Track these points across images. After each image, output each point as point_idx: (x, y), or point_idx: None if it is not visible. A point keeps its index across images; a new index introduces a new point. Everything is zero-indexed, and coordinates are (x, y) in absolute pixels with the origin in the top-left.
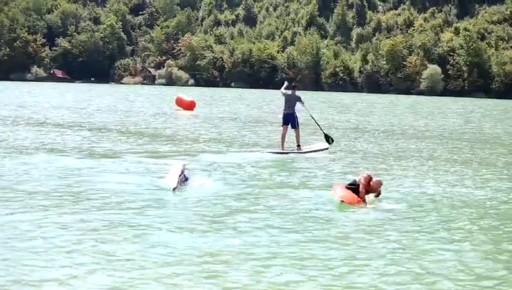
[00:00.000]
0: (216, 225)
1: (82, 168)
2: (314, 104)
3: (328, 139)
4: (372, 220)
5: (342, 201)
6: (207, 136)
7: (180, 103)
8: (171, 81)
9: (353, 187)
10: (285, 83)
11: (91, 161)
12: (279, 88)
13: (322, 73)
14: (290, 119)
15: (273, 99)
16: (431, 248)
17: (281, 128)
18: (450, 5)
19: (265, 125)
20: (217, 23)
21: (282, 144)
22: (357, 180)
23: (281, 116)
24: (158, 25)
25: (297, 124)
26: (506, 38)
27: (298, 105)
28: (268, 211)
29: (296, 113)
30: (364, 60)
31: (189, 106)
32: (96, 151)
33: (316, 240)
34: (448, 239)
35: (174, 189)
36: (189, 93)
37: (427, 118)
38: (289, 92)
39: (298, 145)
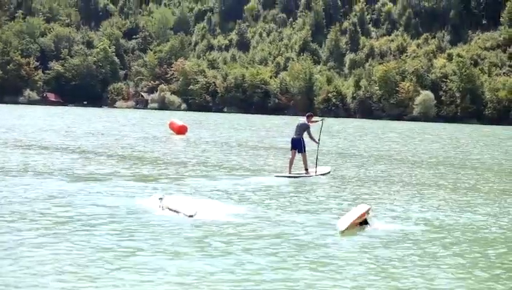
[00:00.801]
0: (203, 249)
1: (67, 190)
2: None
3: (316, 171)
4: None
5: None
6: (195, 160)
7: (172, 127)
8: (163, 106)
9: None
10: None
11: (77, 183)
12: (271, 113)
13: (315, 98)
14: (297, 144)
15: (265, 125)
16: (402, 273)
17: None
18: (443, 31)
19: (256, 150)
20: (210, 48)
21: (290, 168)
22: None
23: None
24: (151, 49)
25: (304, 149)
26: (500, 64)
27: (305, 133)
28: (260, 236)
29: (304, 139)
30: (357, 86)
31: (181, 130)
32: (83, 174)
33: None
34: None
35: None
36: (181, 117)
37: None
38: (303, 119)
39: (306, 169)
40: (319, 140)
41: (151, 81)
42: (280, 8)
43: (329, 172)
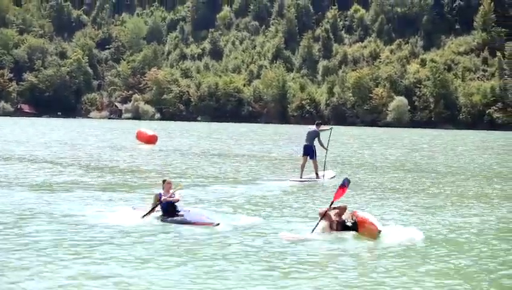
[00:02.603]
0: (177, 259)
1: (33, 201)
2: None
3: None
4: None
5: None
6: (177, 169)
7: (141, 137)
8: (137, 115)
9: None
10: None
11: (42, 194)
12: (245, 121)
13: (289, 106)
14: (308, 151)
15: (239, 132)
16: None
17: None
18: (416, 36)
19: (227, 158)
20: (183, 57)
21: (301, 173)
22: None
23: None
24: (124, 59)
25: (315, 155)
26: (473, 69)
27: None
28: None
29: (315, 146)
30: (331, 93)
31: (151, 139)
32: (49, 184)
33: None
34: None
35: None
36: (150, 127)
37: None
38: (313, 127)
39: (317, 174)
40: (327, 147)
41: (125, 91)
42: (252, 16)
43: (334, 176)
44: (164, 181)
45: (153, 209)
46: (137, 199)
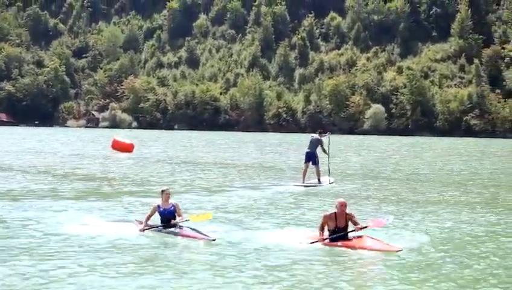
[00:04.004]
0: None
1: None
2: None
3: (330, 179)
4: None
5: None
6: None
7: (117, 145)
8: (114, 124)
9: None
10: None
11: (10, 202)
12: (222, 130)
13: (265, 114)
14: (311, 157)
15: (215, 140)
16: None
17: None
18: (393, 44)
19: (200, 166)
20: (160, 65)
21: (303, 178)
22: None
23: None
24: (101, 68)
25: (318, 161)
26: (450, 76)
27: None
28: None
29: (317, 153)
30: (307, 101)
31: (128, 147)
32: (16, 193)
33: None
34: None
35: None
36: (129, 135)
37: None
38: (315, 135)
39: (319, 180)
40: (328, 153)
41: (102, 100)
42: (229, 24)
43: (333, 182)
44: (163, 191)
45: (149, 222)
46: (109, 207)
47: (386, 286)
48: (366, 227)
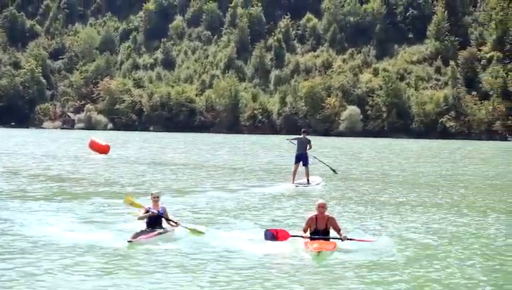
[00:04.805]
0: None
1: None
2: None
3: (334, 171)
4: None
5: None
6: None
7: (94, 146)
8: (90, 125)
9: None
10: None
11: None
12: (197, 131)
13: (241, 115)
14: (301, 158)
15: (190, 141)
16: None
17: (293, 165)
18: (368, 45)
19: (171, 167)
20: (136, 66)
21: (293, 178)
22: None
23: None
24: (77, 69)
25: (307, 162)
26: (426, 78)
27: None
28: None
29: (308, 153)
30: (283, 102)
31: (104, 149)
32: None
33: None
34: None
35: None
36: (105, 137)
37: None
38: (301, 136)
39: (308, 180)
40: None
41: (78, 101)
42: (205, 25)
43: (320, 182)
44: (152, 195)
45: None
46: (78, 208)
47: (344, 287)
48: (351, 239)
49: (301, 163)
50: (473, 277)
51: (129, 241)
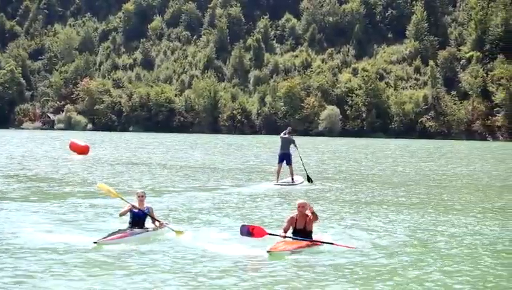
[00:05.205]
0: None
1: None
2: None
3: (309, 179)
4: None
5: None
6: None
7: (74, 147)
8: (69, 126)
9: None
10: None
11: None
12: (177, 131)
13: (220, 116)
14: (285, 158)
15: (168, 141)
16: None
17: (277, 165)
18: (348, 45)
19: (148, 167)
20: (115, 67)
21: (277, 178)
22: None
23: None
24: (57, 70)
25: (291, 161)
26: (405, 77)
27: (292, 146)
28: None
29: (291, 153)
30: (262, 102)
31: (83, 149)
32: None
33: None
34: None
35: None
36: (84, 137)
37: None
38: (286, 135)
39: (292, 179)
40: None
41: (57, 102)
42: (184, 26)
43: (303, 181)
44: (137, 194)
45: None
46: (53, 208)
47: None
48: (331, 243)
49: (285, 162)
50: (453, 276)
51: (95, 243)
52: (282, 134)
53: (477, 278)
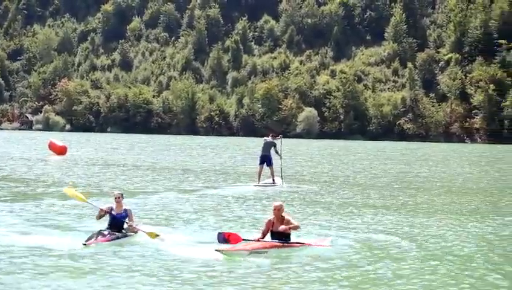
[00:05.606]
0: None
1: None
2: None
3: (282, 181)
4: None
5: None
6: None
7: (53, 147)
8: (48, 127)
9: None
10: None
11: None
12: (155, 133)
13: (198, 117)
14: (265, 159)
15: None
16: None
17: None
18: (326, 47)
19: (122, 168)
20: (93, 68)
21: (259, 179)
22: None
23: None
24: (35, 70)
25: (272, 163)
26: (384, 79)
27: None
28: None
29: (271, 155)
30: (240, 104)
31: (61, 150)
32: None
33: None
34: None
35: None
36: (62, 138)
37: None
38: (268, 138)
39: (273, 180)
40: (281, 154)
41: (36, 102)
42: (163, 27)
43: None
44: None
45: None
46: (26, 209)
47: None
48: (304, 244)
49: (265, 164)
50: (424, 276)
51: (84, 245)
52: (265, 138)
53: (441, 279)
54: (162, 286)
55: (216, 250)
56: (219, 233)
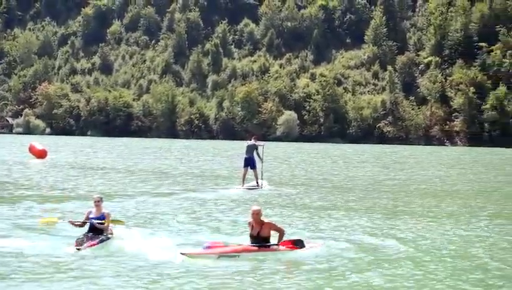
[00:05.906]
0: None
1: None
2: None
3: (258, 184)
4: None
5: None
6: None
7: (33, 151)
8: (28, 130)
9: None
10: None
11: None
12: (135, 136)
13: (178, 120)
14: (249, 162)
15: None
16: None
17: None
18: (306, 50)
19: (102, 172)
20: (74, 71)
21: (243, 182)
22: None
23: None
24: (16, 74)
25: (255, 165)
26: (364, 83)
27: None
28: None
29: (255, 157)
30: (220, 107)
31: (41, 154)
32: None
33: None
34: None
35: None
36: (43, 142)
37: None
38: (251, 141)
39: (257, 182)
40: (262, 159)
41: (16, 106)
42: (143, 30)
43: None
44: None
45: (82, 224)
46: (11, 213)
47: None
48: (295, 247)
49: (249, 167)
50: (397, 279)
51: (78, 249)
52: (248, 141)
53: (420, 282)
54: (134, 286)
55: (181, 253)
56: (204, 246)
